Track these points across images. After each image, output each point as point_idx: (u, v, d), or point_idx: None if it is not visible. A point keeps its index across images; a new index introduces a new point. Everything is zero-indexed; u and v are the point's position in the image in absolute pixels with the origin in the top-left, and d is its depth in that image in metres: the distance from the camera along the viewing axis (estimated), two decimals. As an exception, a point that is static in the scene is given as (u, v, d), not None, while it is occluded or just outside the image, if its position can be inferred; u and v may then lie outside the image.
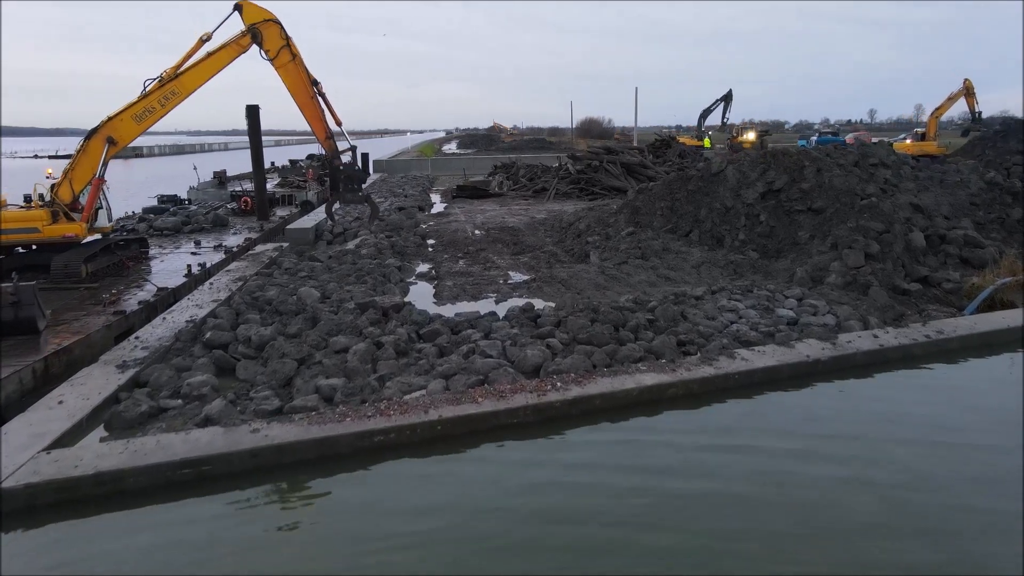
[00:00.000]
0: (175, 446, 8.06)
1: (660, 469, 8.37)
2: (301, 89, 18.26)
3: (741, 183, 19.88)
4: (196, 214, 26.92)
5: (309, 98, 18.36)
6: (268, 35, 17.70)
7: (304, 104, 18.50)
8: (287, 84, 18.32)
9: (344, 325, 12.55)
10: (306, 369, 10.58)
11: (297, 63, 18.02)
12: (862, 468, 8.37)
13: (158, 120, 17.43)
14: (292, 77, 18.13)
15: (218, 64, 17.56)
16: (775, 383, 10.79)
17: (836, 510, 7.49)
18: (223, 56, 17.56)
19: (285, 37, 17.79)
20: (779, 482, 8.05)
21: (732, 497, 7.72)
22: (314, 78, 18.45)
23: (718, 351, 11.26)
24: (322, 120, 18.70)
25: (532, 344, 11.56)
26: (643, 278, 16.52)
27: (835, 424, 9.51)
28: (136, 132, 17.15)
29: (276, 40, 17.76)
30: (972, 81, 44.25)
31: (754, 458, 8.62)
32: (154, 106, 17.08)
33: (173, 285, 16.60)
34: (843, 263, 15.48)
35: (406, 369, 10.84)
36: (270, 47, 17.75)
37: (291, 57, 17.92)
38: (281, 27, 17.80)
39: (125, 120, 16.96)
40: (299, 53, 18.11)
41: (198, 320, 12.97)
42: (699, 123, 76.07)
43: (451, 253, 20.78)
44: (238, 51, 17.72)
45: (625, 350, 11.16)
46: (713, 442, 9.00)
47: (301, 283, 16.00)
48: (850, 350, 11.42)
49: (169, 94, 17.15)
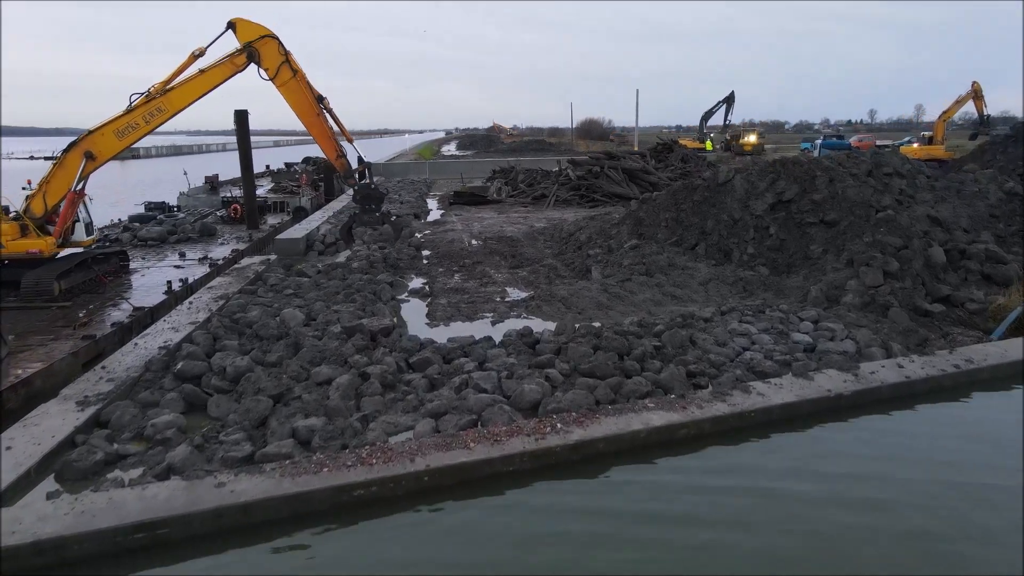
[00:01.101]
0: (128, 505, 7.17)
1: (676, 519, 7.52)
2: (306, 107, 17.25)
3: (749, 193, 19.00)
4: (183, 223, 26.03)
5: (315, 116, 17.32)
6: (265, 53, 16.71)
7: (310, 123, 17.46)
8: (290, 103, 17.31)
9: (328, 352, 11.67)
10: (283, 407, 9.69)
11: (299, 79, 17.01)
12: (900, 518, 7.53)
13: (142, 137, 16.54)
14: (295, 95, 17.13)
15: (209, 83, 16.60)
16: (794, 420, 9.92)
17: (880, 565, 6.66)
18: (215, 75, 16.61)
19: (284, 52, 16.79)
20: (811, 532, 7.24)
21: (761, 550, 6.91)
22: (319, 93, 17.43)
23: (731, 384, 10.38)
24: (331, 138, 17.65)
25: (530, 376, 10.69)
26: (647, 296, 15.64)
27: (865, 469, 8.63)
28: (117, 148, 16.25)
29: (275, 57, 16.76)
30: (980, 84, 43.50)
31: (781, 504, 7.77)
32: (138, 122, 16.19)
33: (151, 304, 15.73)
34: (860, 281, 14.60)
35: (392, 406, 9.96)
36: (269, 65, 16.77)
37: (292, 74, 16.92)
38: (279, 42, 16.81)
39: (106, 135, 16.08)
40: (301, 68, 17.11)
41: (172, 346, 12.08)
42: (701, 125, 75.35)
43: (446, 266, 19.90)
44: (232, 70, 16.77)
45: (631, 384, 10.27)
46: (730, 485, 8.13)
47: (286, 302, 15.12)
48: (874, 383, 10.54)
49: (155, 111, 16.24)
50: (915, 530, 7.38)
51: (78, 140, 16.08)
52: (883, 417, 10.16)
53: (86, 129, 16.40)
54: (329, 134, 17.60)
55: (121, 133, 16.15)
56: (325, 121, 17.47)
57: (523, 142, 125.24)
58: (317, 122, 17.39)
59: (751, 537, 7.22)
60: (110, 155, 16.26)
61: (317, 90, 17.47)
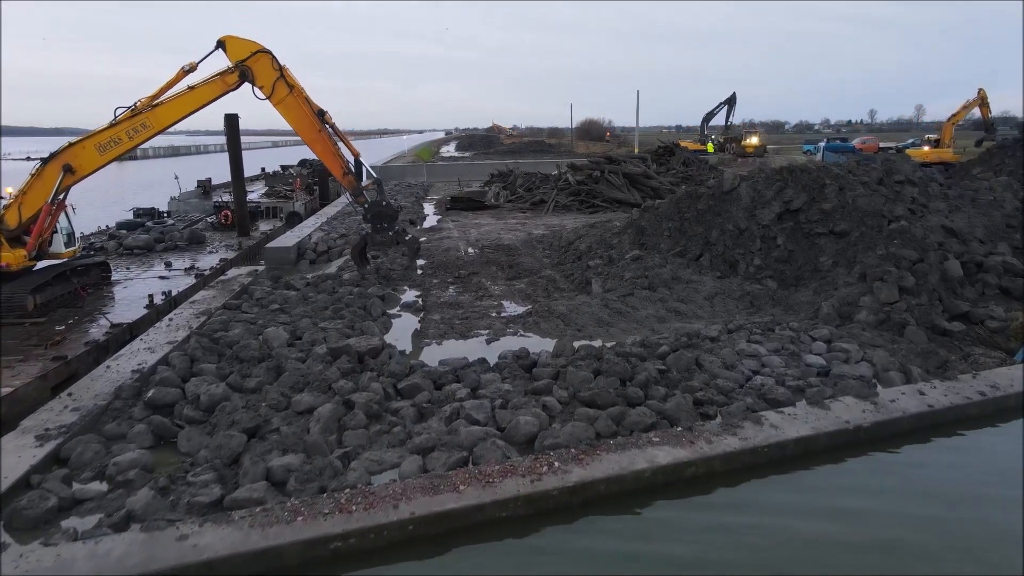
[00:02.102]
0: (77, 564, 6.46)
1: (688, 562, 6.81)
2: (306, 124, 16.33)
3: (756, 202, 18.28)
4: (171, 230, 25.30)
5: (317, 132, 16.38)
6: (259, 70, 15.83)
7: (312, 140, 16.51)
8: (289, 120, 16.41)
9: (312, 376, 10.96)
10: (259, 441, 8.97)
11: (297, 95, 16.12)
12: (933, 561, 6.83)
13: (124, 153, 15.75)
14: (294, 112, 16.23)
15: (198, 101, 15.79)
16: (811, 455, 9.20)
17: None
18: (205, 93, 15.78)
19: (278, 68, 15.90)
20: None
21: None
22: (319, 108, 16.54)
23: (742, 414, 9.67)
24: (336, 155, 16.67)
25: (526, 405, 9.97)
26: (650, 312, 14.92)
27: (888, 507, 7.92)
28: (98, 163, 15.46)
29: (269, 73, 15.89)
30: (985, 91, 43.14)
31: (796, 548, 7.05)
32: (121, 137, 15.40)
33: (131, 319, 15.02)
34: (874, 297, 13.88)
35: (377, 439, 9.25)
36: (263, 83, 15.87)
37: (289, 89, 16.03)
38: (272, 58, 15.93)
39: (88, 148, 15.31)
40: (298, 83, 16.24)
41: (146, 370, 11.36)
42: (702, 127, 74.65)
43: (441, 277, 19.17)
44: (223, 88, 15.94)
45: (634, 415, 9.55)
46: (744, 523, 7.42)
47: (271, 318, 14.40)
48: (895, 413, 9.82)
49: (140, 126, 15.44)
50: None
51: (58, 152, 15.33)
52: (910, 449, 9.46)
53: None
54: (333, 150, 16.65)
55: (103, 148, 15.38)
56: (328, 137, 16.53)
57: (522, 143, 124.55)
58: (319, 138, 16.47)
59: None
60: (90, 170, 15.48)
61: (317, 104, 16.58)
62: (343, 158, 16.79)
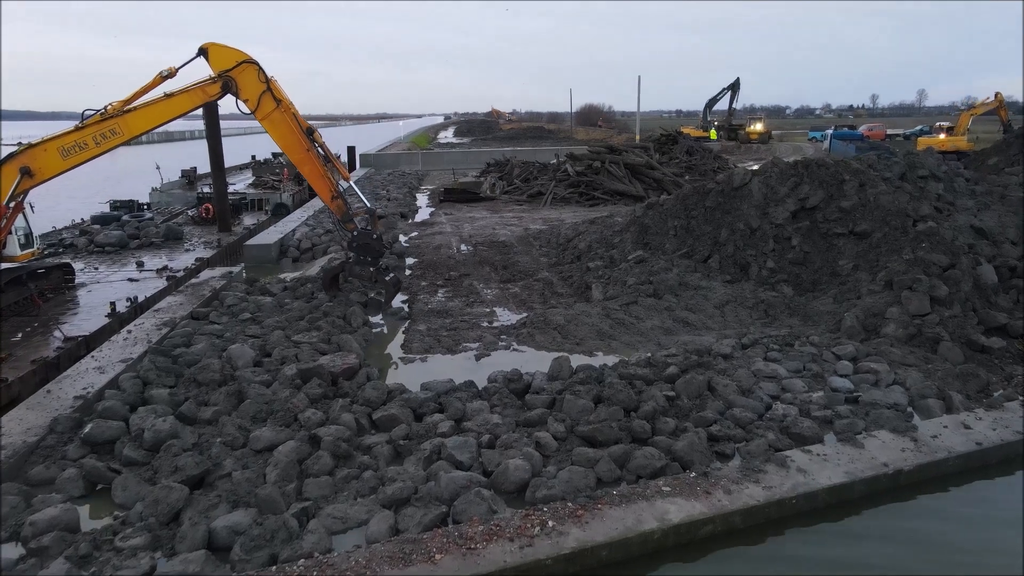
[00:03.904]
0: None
1: None
2: (293, 142, 14.70)
3: (768, 199, 16.96)
4: (147, 225, 23.93)
5: (304, 151, 14.74)
6: (243, 82, 14.20)
7: (300, 160, 14.93)
8: (275, 137, 14.74)
9: (276, 405, 9.72)
10: (205, 492, 7.72)
11: (284, 111, 14.48)
12: None
13: (89, 159, 14.25)
14: (280, 128, 14.58)
15: (175, 111, 14.23)
16: (845, 506, 7.98)
17: None
18: (183, 102, 14.21)
19: (265, 80, 14.32)
20: None
21: None
22: (308, 126, 14.89)
23: (764, 454, 8.45)
24: (324, 177, 14.98)
25: (517, 443, 8.74)
26: (656, 323, 13.66)
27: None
28: (60, 168, 13.95)
29: (254, 86, 14.26)
30: (1003, 95, 42.52)
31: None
32: (87, 142, 13.88)
33: (90, 330, 13.77)
34: (903, 308, 12.62)
35: (345, 486, 8.01)
36: (248, 96, 14.26)
37: (275, 104, 14.44)
38: (259, 69, 14.33)
39: (49, 151, 13.80)
40: (286, 97, 14.60)
41: (91, 395, 10.09)
42: (704, 113, 73.04)
43: (430, 279, 17.89)
44: (203, 99, 14.37)
45: (641, 457, 8.31)
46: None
47: (241, 329, 13.14)
48: (939, 453, 8.59)
49: (108, 132, 13.90)
50: None
51: (16, 152, 13.91)
52: (964, 492, 8.27)
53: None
54: (321, 171, 14.96)
55: (67, 152, 13.88)
56: (317, 157, 14.88)
57: (521, 129, 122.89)
58: (307, 158, 14.84)
59: None
60: (51, 174, 14.02)
61: (306, 122, 15.05)
62: (332, 180, 15.13)
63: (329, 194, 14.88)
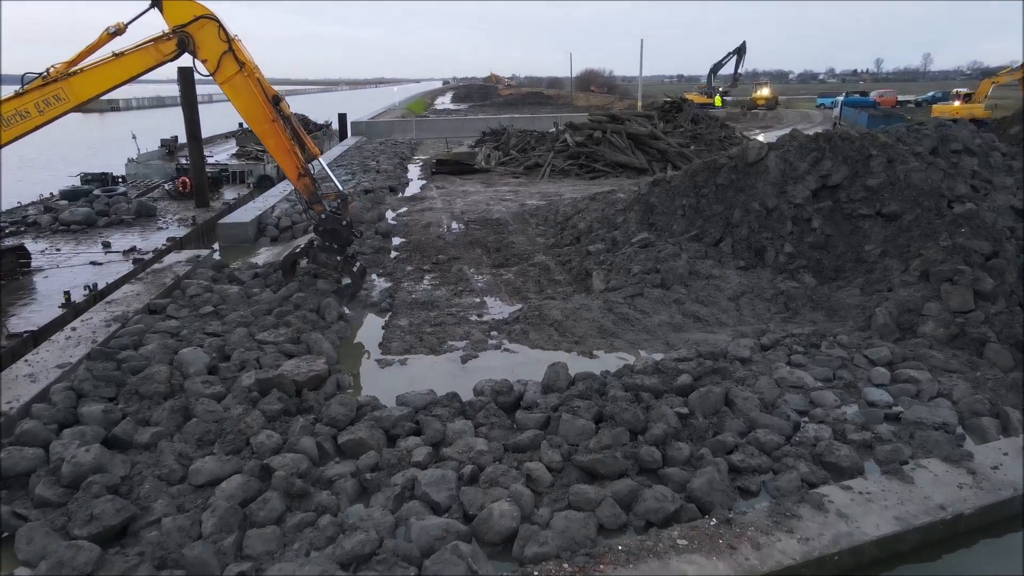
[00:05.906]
0: None
1: None
2: (256, 110, 12.90)
3: (787, 176, 15.45)
4: (118, 201, 22.37)
5: (268, 122, 12.94)
6: (202, 40, 12.38)
7: (263, 132, 13.13)
8: (236, 105, 12.88)
9: (227, 424, 8.38)
10: (119, 554, 6.39)
11: (248, 75, 12.70)
12: None
13: (32, 130, 12.55)
14: (243, 95, 12.77)
15: (126, 72, 12.46)
16: (896, 558, 6.69)
17: None
18: (134, 62, 12.42)
19: (227, 39, 12.54)
20: None
21: None
22: (276, 93, 13.11)
23: (796, 492, 7.12)
24: (290, 152, 13.21)
25: (504, 477, 7.41)
26: (664, 318, 12.27)
27: None
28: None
29: (214, 44, 12.43)
30: None
31: None
32: (28, 110, 12.13)
33: (39, 324, 12.41)
34: (943, 304, 11.22)
35: (296, 536, 6.68)
36: (207, 56, 12.49)
37: (238, 67, 12.70)
38: (220, 26, 12.53)
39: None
40: (250, 59, 12.84)
41: (14, 412, 8.73)
42: (709, 78, 70.74)
43: (416, 263, 16.46)
44: (157, 59, 12.55)
45: (650, 499, 6.98)
46: None
47: (200, 326, 11.74)
48: (1002, 491, 7.26)
49: (52, 98, 12.14)
50: None
51: None
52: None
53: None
54: (287, 146, 13.14)
55: (6, 122, 12.26)
56: (282, 129, 13.10)
57: (520, 95, 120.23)
58: (271, 130, 13.02)
59: None
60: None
61: (273, 88, 13.27)
62: (299, 156, 13.38)
63: (296, 172, 13.22)
